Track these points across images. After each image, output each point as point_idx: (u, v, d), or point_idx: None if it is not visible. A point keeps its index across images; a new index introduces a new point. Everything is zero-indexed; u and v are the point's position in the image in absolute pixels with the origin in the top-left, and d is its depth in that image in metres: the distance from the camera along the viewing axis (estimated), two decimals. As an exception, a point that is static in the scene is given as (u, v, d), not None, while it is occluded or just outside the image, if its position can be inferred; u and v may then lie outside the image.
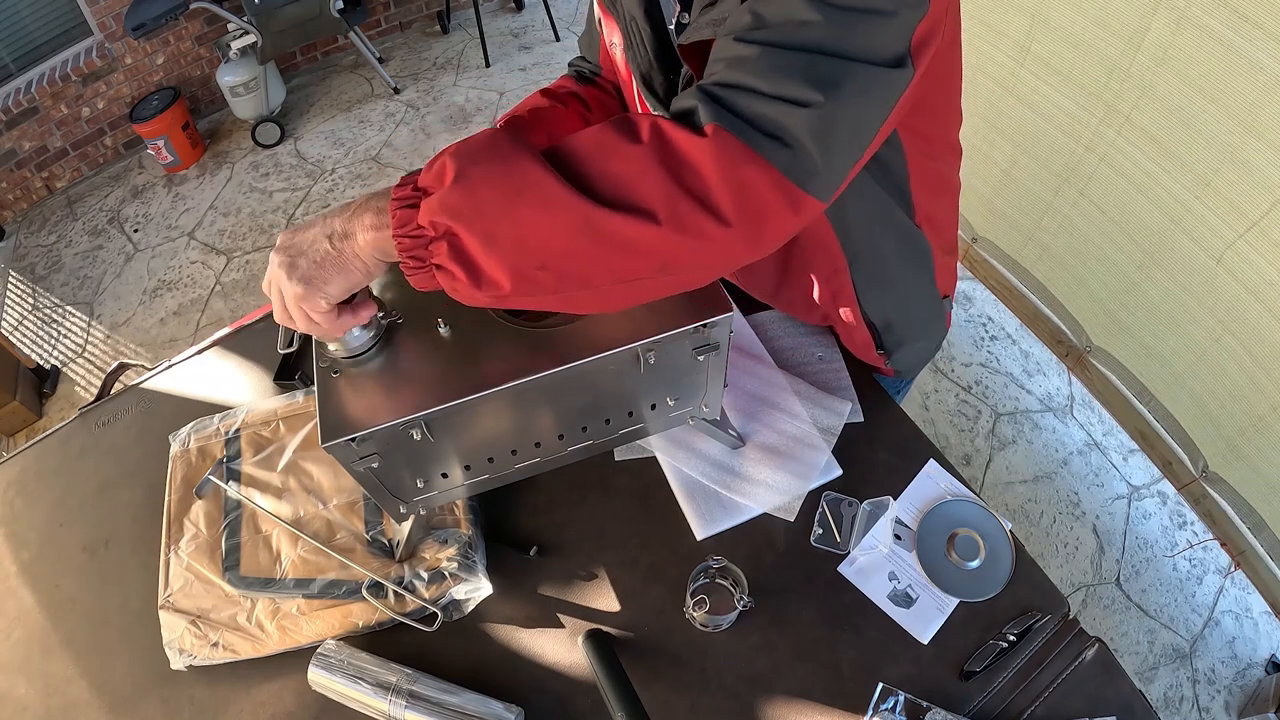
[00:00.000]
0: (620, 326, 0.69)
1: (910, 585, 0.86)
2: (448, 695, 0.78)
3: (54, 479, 1.05)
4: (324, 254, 0.59)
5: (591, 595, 0.89)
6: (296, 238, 0.61)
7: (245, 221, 2.97)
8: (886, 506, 0.91)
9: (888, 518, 0.90)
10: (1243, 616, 1.90)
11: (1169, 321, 1.59)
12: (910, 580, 0.87)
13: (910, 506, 0.92)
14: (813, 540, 0.90)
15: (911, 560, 0.88)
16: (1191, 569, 1.97)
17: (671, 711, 0.81)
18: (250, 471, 0.95)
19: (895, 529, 0.90)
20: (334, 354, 0.70)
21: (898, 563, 0.88)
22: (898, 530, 0.90)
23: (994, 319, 2.44)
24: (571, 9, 3.83)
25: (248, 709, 0.83)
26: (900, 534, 0.90)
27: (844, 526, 0.91)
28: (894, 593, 0.86)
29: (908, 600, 0.86)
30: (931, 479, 0.94)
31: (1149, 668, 1.82)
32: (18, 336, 2.72)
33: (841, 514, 0.92)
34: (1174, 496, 2.03)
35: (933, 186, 0.85)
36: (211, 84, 3.35)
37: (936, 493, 0.93)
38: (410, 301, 0.74)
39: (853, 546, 0.89)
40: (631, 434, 0.84)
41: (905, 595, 0.86)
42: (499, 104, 3.32)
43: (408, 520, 0.83)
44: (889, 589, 0.86)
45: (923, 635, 0.83)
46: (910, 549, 0.89)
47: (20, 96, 2.95)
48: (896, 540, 0.89)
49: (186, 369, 1.15)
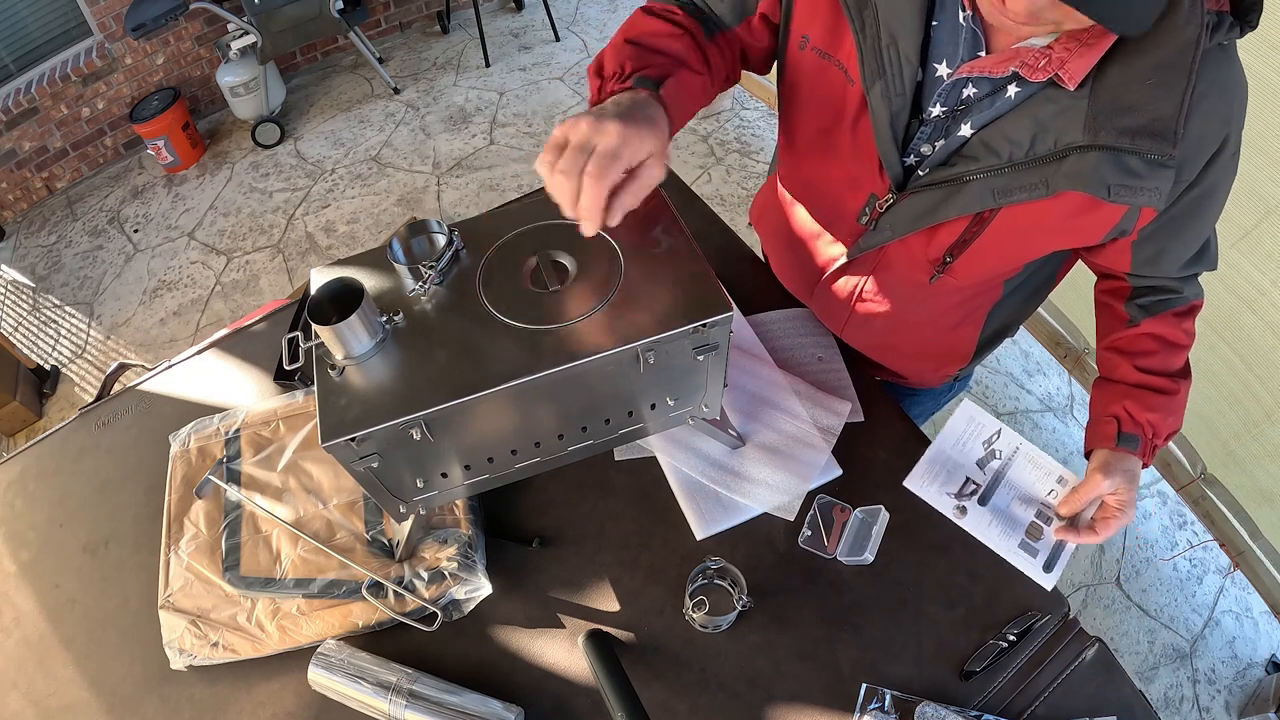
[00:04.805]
0: (620, 326, 0.69)
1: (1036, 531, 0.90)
2: (448, 695, 0.78)
3: (54, 479, 1.05)
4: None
5: (591, 595, 0.89)
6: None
7: (245, 222, 2.97)
8: (878, 516, 0.91)
9: (879, 527, 0.90)
10: (1243, 616, 1.90)
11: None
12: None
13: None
14: (800, 542, 0.90)
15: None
16: (1191, 569, 1.97)
17: (671, 711, 0.81)
18: (250, 471, 0.95)
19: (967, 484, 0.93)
20: (335, 355, 0.70)
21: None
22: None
23: (994, 319, 2.44)
24: (571, 9, 3.83)
25: (248, 709, 0.83)
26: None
27: (833, 531, 0.91)
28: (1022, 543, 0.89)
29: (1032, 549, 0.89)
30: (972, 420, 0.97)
31: (1149, 668, 1.82)
32: (18, 337, 2.72)
33: (833, 519, 0.92)
34: (1173, 497, 2.03)
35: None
36: (211, 84, 3.35)
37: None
38: (410, 302, 0.74)
39: (839, 553, 0.89)
40: (631, 434, 0.84)
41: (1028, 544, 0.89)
42: (499, 104, 3.32)
43: (408, 520, 0.83)
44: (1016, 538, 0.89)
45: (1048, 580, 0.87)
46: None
47: (20, 96, 2.95)
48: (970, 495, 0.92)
49: (186, 369, 1.15)
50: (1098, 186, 0.66)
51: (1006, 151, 0.70)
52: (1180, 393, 0.85)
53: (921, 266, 0.85)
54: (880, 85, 0.72)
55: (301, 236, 2.88)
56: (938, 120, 0.73)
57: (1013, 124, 0.69)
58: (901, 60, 0.70)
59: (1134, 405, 0.84)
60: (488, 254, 0.77)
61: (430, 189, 2.99)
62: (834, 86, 0.77)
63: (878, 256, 0.88)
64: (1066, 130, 0.66)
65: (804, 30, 0.76)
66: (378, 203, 2.96)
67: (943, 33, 0.69)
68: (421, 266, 0.74)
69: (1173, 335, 0.85)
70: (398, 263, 0.74)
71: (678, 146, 3.04)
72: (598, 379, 0.73)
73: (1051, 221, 0.73)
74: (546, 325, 0.70)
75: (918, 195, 0.77)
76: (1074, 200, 0.69)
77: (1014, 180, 0.70)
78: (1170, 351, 0.85)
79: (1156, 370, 0.85)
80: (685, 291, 0.71)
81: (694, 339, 0.71)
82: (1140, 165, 0.65)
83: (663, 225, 0.77)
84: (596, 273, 0.74)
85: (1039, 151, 0.68)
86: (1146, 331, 0.85)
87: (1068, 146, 0.66)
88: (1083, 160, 0.66)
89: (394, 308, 0.73)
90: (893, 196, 0.79)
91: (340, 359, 0.70)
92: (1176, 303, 0.85)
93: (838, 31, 0.73)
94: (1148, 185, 0.66)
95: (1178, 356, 0.86)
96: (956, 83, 0.70)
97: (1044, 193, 0.69)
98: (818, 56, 0.76)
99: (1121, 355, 0.87)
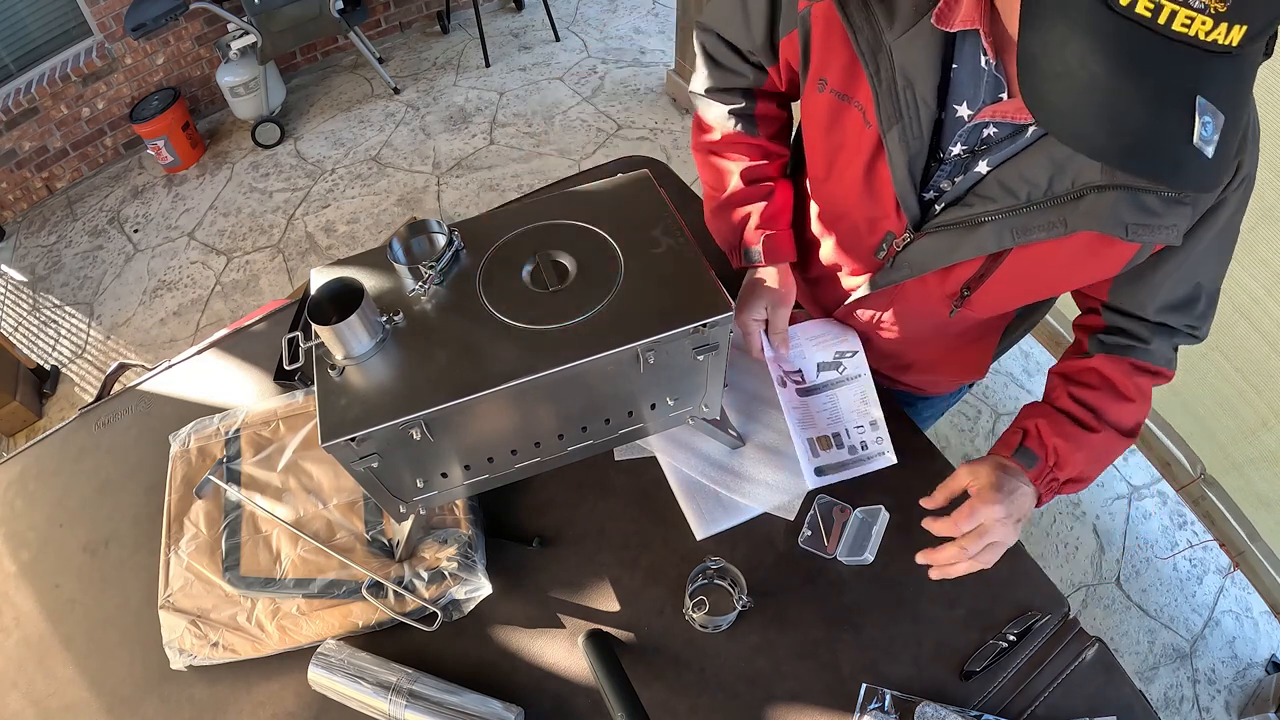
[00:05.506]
0: (620, 326, 0.69)
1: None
2: (448, 695, 0.78)
3: (54, 479, 1.05)
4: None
5: (591, 595, 0.89)
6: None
7: (245, 222, 2.97)
8: (878, 516, 0.91)
9: (879, 527, 0.90)
10: (1243, 616, 1.90)
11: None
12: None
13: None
14: (800, 542, 0.90)
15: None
16: (1191, 569, 1.97)
17: (671, 711, 0.81)
18: (250, 471, 0.95)
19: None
20: (335, 355, 0.70)
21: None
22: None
23: (994, 319, 2.44)
24: (571, 9, 3.83)
25: (248, 709, 0.83)
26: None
27: (833, 531, 0.91)
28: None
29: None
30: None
31: (1149, 668, 1.82)
32: (18, 337, 2.71)
33: (833, 519, 0.92)
34: (1173, 497, 2.03)
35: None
36: (211, 84, 3.35)
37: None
38: (410, 302, 0.74)
39: (839, 553, 0.89)
40: (631, 434, 0.84)
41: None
42: (499, 104, 3.32)
43: (408, 520, 0.83)
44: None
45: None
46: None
47: (20, 96, 2.95)
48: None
49: (186, 369, 1.15)
50: (1115, 226, 0.66)
51: (1024, 191, 0.69)
52: (1102, 436, 0.80)
53: (939, 301, 0.85)
54: (898, 129, 0.71)
55: (301, 236, 2.88)
56: (957, 159, 0.73)
57: (1029, 163, 0.68)
58: (919, 103, 0.70)
59: (1047, 425, 0.81)
60: (488, 254, 0.77)
61: (430, 189, 2.99)
62: (852, 128, 0.77)
63: (895, 291, 0.88)
64: (1084, 170, 0.66)
65: (821, 73, 0.77)
66: (378, 203, 2.96)
67: (963, 75, 0.68)
68: (421, 266, 0.74)
69: (1120, 381, 0.81)
70: (398, 263, 0.74)
71: (678, 147, 3.04)
72: (598, 379, 0.73)
73: (1063, 257, 0.73)
74: (546, 325, 0.70)
75: (935, 235, 0.77)
76: (1088, 237, 0.69)
77: (1032, 220, 0.70)
78: (1111, 395, 0.81)
79: (1088, 404, 0.82)
80: (685, 291, 0.71)
81: (694, 339, 0.71)
82: (1157, 203, 0.64)
83: (663, 225, 0.77)
84: (596, 273, 0.74)
85: (1057, 191, 0.68)
86: (1094, 366, 0.83)
87: (1085, 186, 0.66)
88: (1100, 200, 0.65)
89: (394, 308, 0.73)
90: (910, 236, 0.79)
91: (340, 359, 0.70)
92: (1140, 354, 0.82)
93: (854, 74, 0.73)
94: (1165, 223, 0.66)
95: (1118, 406, 0.81)
96: (977, 124, 0.70)
97: (1062, 231, 0.68)
98: (836, 99, 0.77)
99: (1062, 380, 0.85)
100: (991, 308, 0.85)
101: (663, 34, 3.61)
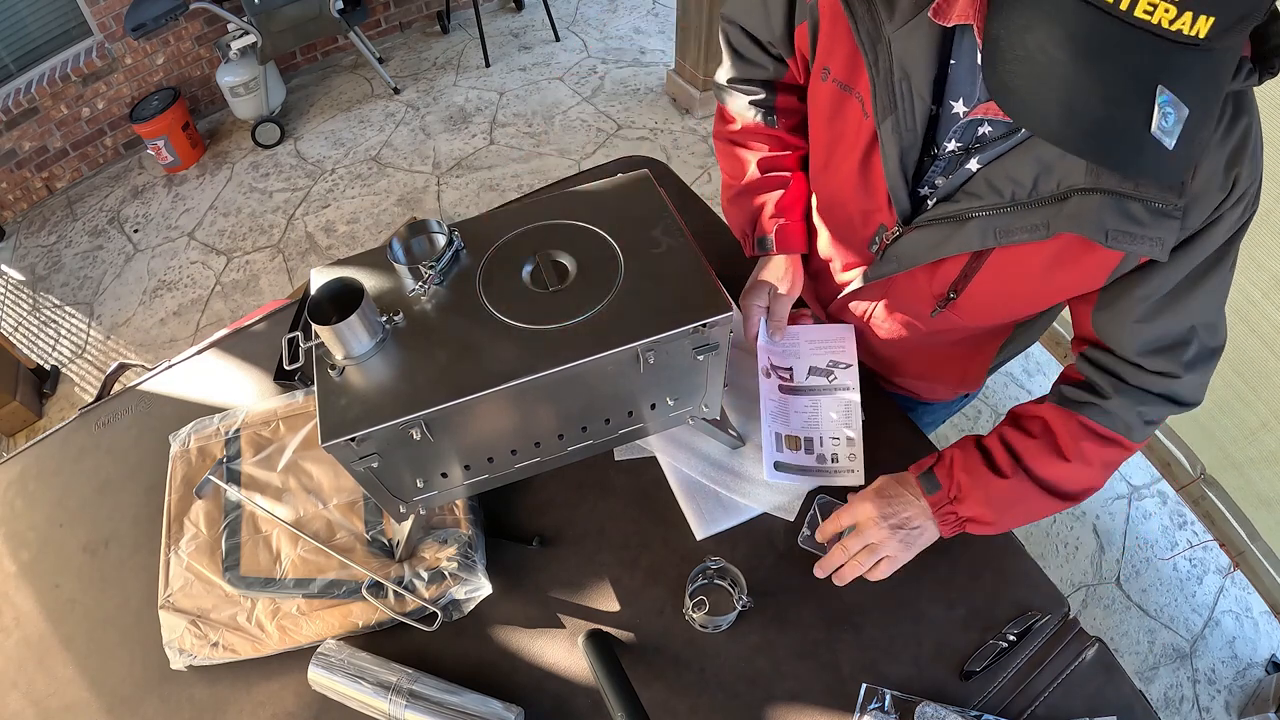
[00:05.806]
0: (620, 326, 0.69)
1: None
2: (448, 695, 0.78)
3: (54, 479, 1.05)
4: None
5: (591, 595, 0.89)
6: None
7: (245, 222, 2.97)
8: None
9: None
10: (1243, 616, 1.90)
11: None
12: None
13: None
14: (800, 542, 0.90)
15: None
16: (1191, 569, 1.97)
17: (671, 711, 0.81)
18: (250, 471, 0.95)
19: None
20: (335, 355, 0.70)
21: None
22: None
23: (994, 319, 2.44)
24: (571, 9, 3.83)
25: (248, 709, 0.83)
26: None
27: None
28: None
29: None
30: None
31: (1149, 668, 1.82)
32: (18, 337, 2.71)
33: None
34: (1173, 497, 2.03)
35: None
36: (211, 84, 3.35)
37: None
38: (410, 302, 0.74)
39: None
40: (631, 434, 0.84)
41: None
42: (499, 104, 3.32)
43: (408, 520, 0.83)
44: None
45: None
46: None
47: (20, 96, 2.95)
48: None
49: (186, 369, 1.15)
50: (1095, 230, 0.64)
51: (1009, 191, 0.69)
52: (1011, 483, 0.77)
53: (925, 300, 0.85)
54: (891, 120, 0.72)
55: (301, 236, 2.88)
56: (951, 155, 0.73)
57: (1016, 162, 0.68)
58: (914, 96, 0.70)
59: (961, 457, 0.80)
60: (488, 254, 0.77)
61: (430, 189, 2.99)
62: (852, 118, 0.78)
63: (886, 285, 0.88)
64: (1070, 172, 0.65)
65: (826, 62, 0.77)
66: (378, 203, 2.96)
67: (960, 71, 0.68)
68: (421, 266, 0.74)
69: (1062, 438, 0.77)
70: (398, 263, 0.74)
71: (678, 147, 3.04)
72: (598, 379, 0.73)
73: (1043, 260, 0.72)
74: (546, 325, 0.70)
75: (923, 230, 0.77)
76: (1067, 241, 0.68)
77: (1016, 220, 0.69)
78: (1046, 448, 0.78)
79: (1012, 449, 0.79)
80: (685, 291, 0.71)
81: (694, 339, 0.71)
82: (1143, 212, 0.63)
83: (663, 225, 0.77)
84: (596, 273, 0.74)
85: (1041, 192, 0.67)
86: (1042, 415, 0.79)
87: (1070, 189, 0.65)
88: (1084, 203, 0.64)
89: (394, 308, 0.73)
90: (899, 229, 0.80)
91: (340, 359, 0.70)
92: (1093, 413, 0.76)
93: (855, 64, 0.74)
94: (1149, 234, 0.63)
95: (1048, 462, 0.77)
96: (973, 121, 0.70)
97: (1044, 234, 0.68)
98: (838, 89, 0.77)
99: (1009, 420, 0.84)
100: (976, 315, 0.84)
101: (663, 34, 3.61)
